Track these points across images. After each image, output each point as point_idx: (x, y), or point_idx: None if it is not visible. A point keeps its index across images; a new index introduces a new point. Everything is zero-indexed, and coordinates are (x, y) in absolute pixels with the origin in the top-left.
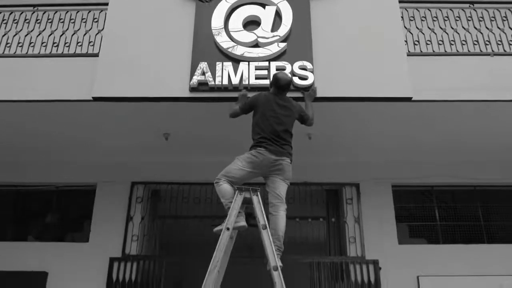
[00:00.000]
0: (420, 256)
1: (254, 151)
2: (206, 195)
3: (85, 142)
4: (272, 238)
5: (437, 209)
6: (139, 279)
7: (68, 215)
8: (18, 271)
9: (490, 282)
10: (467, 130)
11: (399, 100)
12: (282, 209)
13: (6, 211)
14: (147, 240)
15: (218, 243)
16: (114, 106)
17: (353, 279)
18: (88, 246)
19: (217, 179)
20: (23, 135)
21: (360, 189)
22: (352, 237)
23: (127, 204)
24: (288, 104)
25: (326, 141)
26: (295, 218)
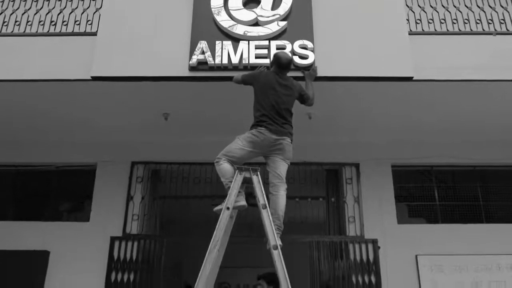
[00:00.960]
0: (419, 235)
1: (255, 131)
2: (206, 175)
3: (84, 121)
4: (272, 218)
5: (436, 189)
6: (140, 258)
7: (69, 195)
8: (20, 250)
9: (488, 261)
10: (468, 110)
11: (400, 79)
12: (282, 188)
13: (6, 191)
14: (148, 219)
15: (218, 222)
16: (113, 85)
17: (352, 258)
18: (89, 226)
19: (217, 159)
20: (22, 114)
21: (360, 169)
22: (352, 216)
23: (128, 184)
24: (289, 83)
25: (326, 121)
26: (295, 198)
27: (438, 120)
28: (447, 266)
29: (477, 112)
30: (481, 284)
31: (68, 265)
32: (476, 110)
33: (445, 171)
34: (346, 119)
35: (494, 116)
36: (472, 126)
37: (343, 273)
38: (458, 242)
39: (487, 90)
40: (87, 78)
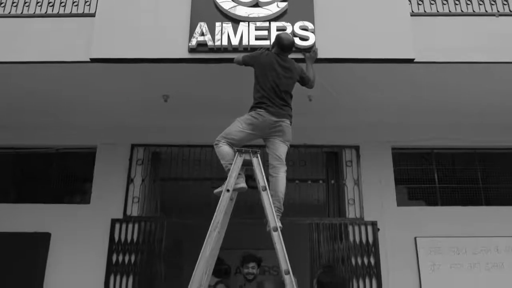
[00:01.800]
0: (418, 217)
1: (254, 113)
2: (206, 157)
3: (84, 104)
4: (272, 200)
5: (436, 171)
6: (141, 239)
7: (69, 177)
8: (21, 232)
9: (487, 243)
10: (469, 93)
11: (401, 61)
12: (282, 170)
13: (6, 174)
14: (148, 201)
15: (218, 204)
16: (112, 67)
17: (351, 239)
18: (90, 208)
19: (216, 141)
20: (21, 97)
21: (360, 151)
22: (351, 199)
23: (128, 166)
24: (290, 65)
25: (326, 103)
26: (295, 181)
27: (439, 103)
28: (446, 248)
29: (478, 94)
30: (479, 266)
31: (69, 247)
32: (478, 93)
33: (445, 153)
34: (346, 101)
35: (495, 98)
36: (473, 108)
37: (342, 255)
38: (457, 224)
39: (489, 72)
40: (86, 60)
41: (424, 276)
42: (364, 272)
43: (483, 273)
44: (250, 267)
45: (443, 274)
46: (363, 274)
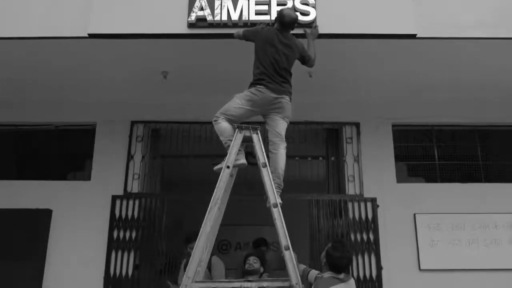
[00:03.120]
0: (417, 194)
1: (254, 89)
2: (206, 134)
3: (83, 80)
4: (272, 176)
5: (436, 148)
6: (141, 216)
7: (69, 154)
8: (23, 208)
9: (485, 219)
10: (471, 69)
11: (403, 37)
12: (282, 147)
13: (7, 151)
14: (148, 178)
15: (218, 181)
16: (111, 43)
17: (351, 216)
18: (90, 184)
19: (215, 117)
20: (20, 73)
21: (360, 128)
22: (351, 175)
23: (128, 143)
24: (291, 42)
25: (326, 80)
26: (295, 157)
27: (440, 79)
28: (445, 224)
29: (479, 71)
30: (478, 242)
31: (70, 223)
32: (479, 69)
33: (445, 130)
34: (346, 77)
35: (496, 75)
36: (474, 85)
37: (342, 231)
38: (456, 201)
39: (492, 49)
40: (84, 36)
41: (423, 252)
42: (363, 248)
43: (482, 249)
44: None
45: (441, 250)
46: (362, 250)
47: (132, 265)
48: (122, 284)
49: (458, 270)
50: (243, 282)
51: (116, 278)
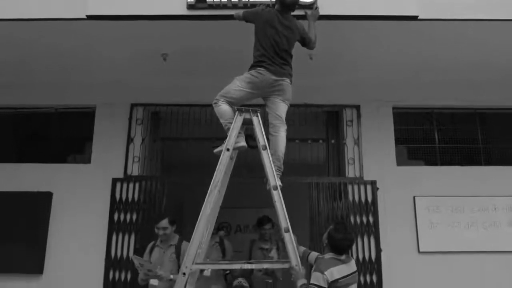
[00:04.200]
0: (417, 177)
1: (254, 71)
2: (206, 117)
3: (82, 63)
4: (272, 158)
5: (436, 131)
6: (142, 198)
7: (69, 137)
8: (23, 191)
9: (484, 202)
10: (472, 51)
11: (404, 18)
12: (282, 129)
13: (6, 133)
14: (148, 161)
15: (218, 163)
16: (110, 25)
17: (351, 198)
18: (91, 167)
19: (215, 100)
20: (19, 56)
21: (361, 111)
22: (351, 158)
23: (127, 125)
24: (291, 24)
25: (327, 62)
26: (295, 140)
27: (440, 61)
28: (444, 207)
29: (480, 53)
30: (476, 224)
31: (71, 206)
32: (480, 51)
33: (446, 113)
34: (347, 60)
35: (497, 57)
36: (475, 67)
37: (342, 214)
38: (456, 183)
39: (493, 30)
40: (83, 17)
41: (422, 235)
42: (362, 230)
43: (480, 231)
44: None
45: (440, 232)
46: (361, 232)
47: (132, 247)
48: (122, 266)
49: (457, 252)
50: (243, 264)
51: (116, 260)
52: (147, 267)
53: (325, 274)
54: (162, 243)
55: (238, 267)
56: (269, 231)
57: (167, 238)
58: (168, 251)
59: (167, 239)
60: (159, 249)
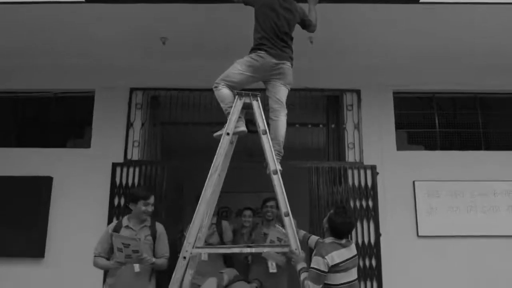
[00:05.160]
0: (417, 161)
1: (254, 55)
2: (206, 101)
3: (81, 46)
4: (272, 143)
5: (437, 116)
6: (142, 183)
7: (69, 121)
8: (23, 176)
9: (484, 187)
10: (472, 35)
11: (405, 1)
12: (283, 114)
13: (6, 118)
14: (148, 146)
15: (218, 148)
16: (108, 8)
17: (350, 183)
18: (90, 152)
19: (216, 83)
20: (18, 40)
21: (361, 95)
22: (351, 143)
23: (127, 110)
24: (291, 7)
25: (327, 46)
26: (295, 124)
27: (441, 45)
28: (444, 191)
29: (480, 36)
30: (476, 209)
31: (71, 190)
32: (480, 35)
33: (446, 98)
34: (348, 44)
35: (498, 42)
36: (475, 52)
37: (341, 198)
38: (455, 168)
39: (494, 13)
40: (80, 0)
41: (421, 219)
42: (362, 215)
43: (480, 216)
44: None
45: (440, 216)
46: (361, 217)
47: None
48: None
49: (456, 236)
50: (244, 248)
51: None
52: (134, 246)
53: (326, 258)
54: (133, 224)
55: (237, 251)
56: (272, 209)
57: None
58: (141, 233)
59: (140, 220)
60: (129, 231)
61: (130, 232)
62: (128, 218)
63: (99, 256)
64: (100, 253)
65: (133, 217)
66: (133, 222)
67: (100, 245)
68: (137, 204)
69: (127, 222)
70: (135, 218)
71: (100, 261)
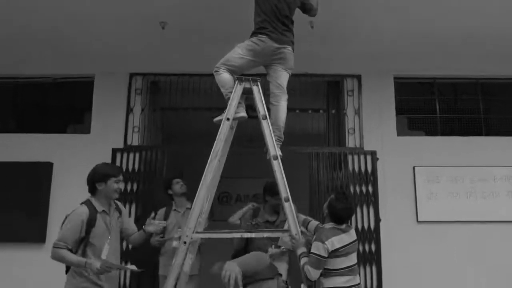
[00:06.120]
0: (417, 147)
1: (255, 38)
2: (206, 86)
3: (80, 32)
4: (272, 128)
5: (437, 101)
6: (142, 168)
7: (68, 107)
8: (24, 161)
9: (484, 173)
10: (473, 19)
11: None
12: (283, 99)
13: (5, 104)
14: (148, 131)
15: (219, 133)
16: None
17: (350, 168)
18: (90, 137)
19: (216, 68)
20: (15, 26)
21: (362, 80)
22: (352, 128)
23: (127, 95)
24: None
25: (328, 31)
26: (296, 110)
27: (442, 31)
28: (444, 177)
29: (482, 22)
30: (475, 194)
31: (72, 176)
32: (481, 20)
33: (447, 83)
34: (348, 29)
35: (499, 27)
36: (476, 38)
37: (341, 184)
38: (456, 154)
39: None
40: None
41: (421, 204)
42: (362, 200)
43: (479, 201)
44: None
45: (439, 202)
46: (361, 202)
47: (133, 217)
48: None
49: (456, 222)
50: (244, 232)
51: None
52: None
53: (326, 243)
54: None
55: (238, 236)
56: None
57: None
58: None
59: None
60: (175, 213)
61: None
62: (96, 200)
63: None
64: (67, 245)
65: (101, 198)
66: (103, 204)
67: (71, 235)
68: (107, 182)
69: (98, 205)
70: (104, 198)
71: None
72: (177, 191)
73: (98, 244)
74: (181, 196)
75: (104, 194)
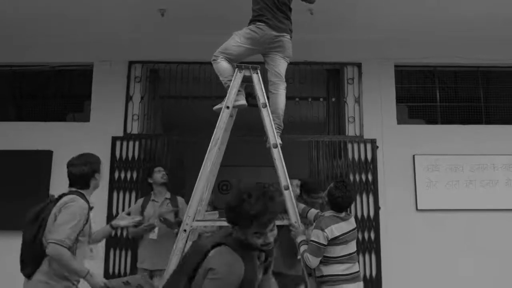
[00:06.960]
0: (417, 135)
1: (254, 26)
2: (205, 75)
3: (79, 19)
4: (272, 116)
5: (438, 89)
6: (142, 156)
7: (67, 95)
8: (24, 149)
9: (484, 161)
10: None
11: None
12: (282, 87)
13: (5, 92)
14: (148, 119)
15: (218, 121)
16: None
17: (350, 157)
18: (90, 126)
19: (214, 56)
20: (14, 14)
21: (362, 68)
22: (352, 117)
23: (126, 83)
24: None
25: (327, 19)
26: (295, 98)
27: (443, 19)
28: (443, 165)
29: (483, 10)
30: (475, 183)
31: None
32: (482, 8)
33: (447, 72)
34: (349, 16)
35: (501, 15)
36: (477, 25)
37: (341, 172)
38: (456, 142)
39: None
40: None
41: (420, 193)
42: (362, 189)
43: (478, 189)
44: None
45: (439, 190)
46: (360, 190)
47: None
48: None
49: (455, 210)
50: None
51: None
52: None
53: (325, 231)
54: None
55: None
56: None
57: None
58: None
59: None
60: (153, 203)
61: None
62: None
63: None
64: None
65: (90, 193)
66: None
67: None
68: (97, 176)
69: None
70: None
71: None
72: (157, 180)
73: (84, 242)
74: (161, 185)
75: (93, 188)
